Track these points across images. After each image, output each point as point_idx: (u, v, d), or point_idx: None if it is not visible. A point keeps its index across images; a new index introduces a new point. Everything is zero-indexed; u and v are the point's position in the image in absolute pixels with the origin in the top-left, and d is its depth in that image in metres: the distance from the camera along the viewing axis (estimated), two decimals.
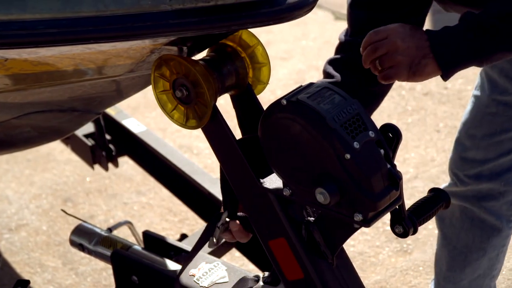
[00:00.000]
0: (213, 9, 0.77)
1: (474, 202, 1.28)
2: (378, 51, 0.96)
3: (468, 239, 1.30)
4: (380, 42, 0.95)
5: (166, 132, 2.53)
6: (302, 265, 0.89)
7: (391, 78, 0.97)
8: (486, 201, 1.27)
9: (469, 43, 0.94)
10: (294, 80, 2.84)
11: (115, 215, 2.13)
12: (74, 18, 0.73)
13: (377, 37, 0.96)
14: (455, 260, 1.33)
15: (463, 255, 1.32)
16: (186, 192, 1.68)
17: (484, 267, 1.33)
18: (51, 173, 2.36)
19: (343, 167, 0.79)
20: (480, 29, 0.93)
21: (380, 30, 0.97)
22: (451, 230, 1.32)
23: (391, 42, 0.95)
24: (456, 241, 1.32)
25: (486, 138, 1.23)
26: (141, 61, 0.91)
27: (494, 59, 0.98)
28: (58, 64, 0.86)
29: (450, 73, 0.96)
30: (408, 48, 0.94)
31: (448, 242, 1.34)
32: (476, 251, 1.30)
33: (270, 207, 0.89)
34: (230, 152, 0.90)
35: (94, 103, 1.12)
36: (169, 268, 1.12)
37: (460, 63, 0.95)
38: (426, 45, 0.95)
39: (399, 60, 0.94)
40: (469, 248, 1.31)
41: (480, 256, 1.31)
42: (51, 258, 1.97)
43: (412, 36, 0.95)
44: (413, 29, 0.97)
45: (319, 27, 3.30)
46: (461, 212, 1.30)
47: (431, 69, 0.95)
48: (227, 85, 0.91)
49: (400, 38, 0.94)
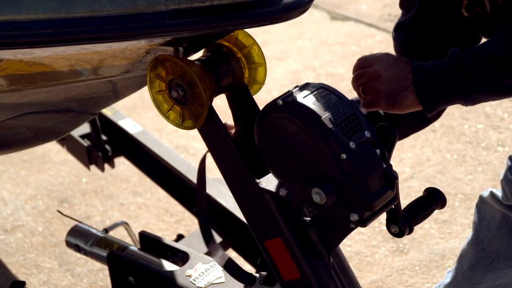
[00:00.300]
0: (208, 9, 0.77)
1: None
2: (361, 78, 0.96)
3: (500, 246, 1.28)
4: (364, 69, 0.96)
5: (163, 132, 2.53)
6: (298, 265, 0.89)
7: (370, 106, 0.97)
8: None
9: (451, 81, 0.92)
10: (291, 80, 2.85)
11: (112, 216, 2.13)
12: (69, 19, 0.73)
13: (362, 64, 0.97)
14: (480, 262, 1.31)
15: (490, 260, 1.30)
16: (183, 193, 1.67)
17: (509, 278, 1.31)
18: (47, 174, 2.35)
19: (339, 167, 0.80)
20: (464, 68, 0.91)
21: (366, 57, 0.98)
22: (486, 233, 1.30)
23: (373, 70, 0.95)
24: (487, 244, 1.30)
25: None
26: (137, 62, 0.91)
27: (477, 100, 0.96)
28: (53, 65, 0.86)
29: (432, 108, 0.95)
30: (389, 78, 0.94)
31: (478, 242, 1.31)
32: (504, 260, 1.28)
33: (266, 207, 0.89)
34: (226, 153, 0.90)
35: (89, 104, 1.12)
36: (166, 269, 1.12)
37: (440, 99, 0.94)
38: (408, 77, 0.94)
39: (379, 89, 0.94)
40: (499, 255, 1.28)
41: (507, 266, 1.29)
42: (47, 259, 1.96)
43: (395, 67, 0.95)
44: (397, 60, 0.96)
45: (315, 27, 3.30)
46: (502, 218, 1.28)
47: (410, 102, 0.94)
48: (223, 85, 0.91)
49: (382, 68, 0.95)
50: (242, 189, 0.91)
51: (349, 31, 3.23)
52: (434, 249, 1.92)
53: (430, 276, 1.83)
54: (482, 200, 1.33)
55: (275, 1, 0.78)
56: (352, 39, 3.14)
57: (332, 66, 2.93)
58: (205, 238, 0.99)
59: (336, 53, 3.03)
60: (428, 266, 1.86)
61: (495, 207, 1.29)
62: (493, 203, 1.30)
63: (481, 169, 2.19)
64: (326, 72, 2.89)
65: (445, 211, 2.04)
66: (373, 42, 3.10)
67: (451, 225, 2.01)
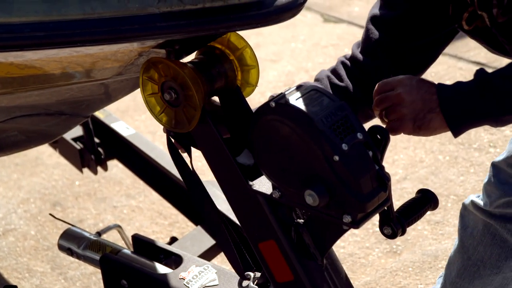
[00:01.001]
0: (201, 12, 0.77)
1: (499, 222, 1.26)
2: (383, 103, 0.93)
3: (485, 254, 1.28)
4: (387, 94, 0.93)
5: (156, 135, 2.52)
6: (291, 267, 0.89)
7: (395, 131, 0.94)
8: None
9: (478, 103, 0.90)
10: (284, 82, 2.85)
11: (105, 219, 2.12)
12: (61, 21, 0.72)
13: (384, 88, 0.94)
14: (467, 270, 1.32)
15: (476, 267, 1.30)
16: (176, 195, 1.67)
17: (497, 284, 1.31)
18: (39, 177, 2.34)
19: (331, 169, 0.80)
20: (492, 90, 0.88)
21: (388, 81, 0.94)
22: (470, 241, 1.30)
23: (396, 94, 0.92)
24: (472, 252, 1.30)
25: None
26: (129, 64, 0.91)
27: (509, 121, 0.92)
28: (45, 68, 0.86)
29: (460, 131, 0.93)
30: (413, 101, 0.91)
31: (464, 251, 1.32)
32: (490, 268, 1.28)
33: (259, 209, 0.89)
34: (219, 155, 0.90)
35: (82, 107, 1.11)
36: (159, 272, 1.11)
37: (468, 121, 0.92)
38: (433, 99, 0.91)
39: (403, 113, 0.92)
40: (484, 263, 1.29)
41: (493, 273, 1.29)
42: (39, 263, 1.95)
43: (419, 89, 0.92)
44: (420, 82, 0.93)
45: (308, 29, 3.31)
46: (484, 227, 1.28)
47: (437, 124, 0.92)
48: (216, 88, 0.91)
49: (406, 91, 0.91)
50: (236, 192, 0.91)
51: (342, 33, 3.24)
52: (427, 250, 1.92)
53: (423, 277, 1.84)
54: (465, 208, 1.33)
55: (267, 3, 0.78)
56: (344, 41, 3.15)
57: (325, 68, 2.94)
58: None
59: (329, 55, 3.03)
60: (421, 267, 1.87)
61: (477, 215, 1.30)
62: (474, 211, 1.31)
63: (473, 170, 2.20)
64: None
65: (438, 212, 2.05)
66: None
67: (444, 226, 2.02)
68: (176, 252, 1.16)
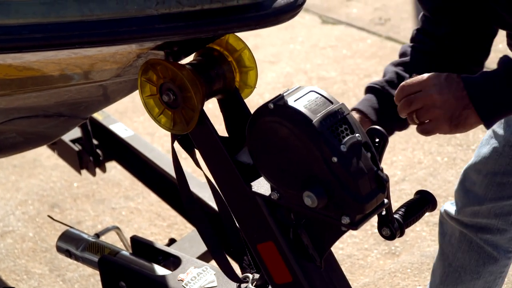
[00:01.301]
0: (199, 14, 0.77)
1: (471, 231, 1.27)
2: (413, 104, 0.90)
3: (464, 261, 1.29)
4: (415, 95, 0.90)
5: (154, 136, 2.52)
6: (290, 269, 0.89)
7: (431, 132, 0.92)
8: (483, 233, 1.25)
9: (509, 92, 0.88)
10: (282, 84, 2.85)
11: (103, 221, 2.12)
12: (59, 23, 0.72)
13: (411, 90, 0.90)
14: (449, 276, 1.32)
15: (457, 274, 1.31)
16: (175, 197, 1.67)
17: (479, 287, 1.32)
18: (37, 179, 2.34)
19: (330, 170, 0.80)
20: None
21: (413, 82, 0.91)
22: (450, 248, 1.31)
23: (427, 95, 0.89)
24: (452, 259, 1.30)
25: (489, 176, 1.19)
26: (127, 66, 0.91)
27: None
28: (43, 69, 0.86)
29: (492, 122, 0.92)
30: (446, 100, 0.88)
31: (444, 257, 1.33)
32: (470, 273, 1.29)
33: (258, 210, 0.89)
34: (218, 157, 0.90)
35: (80, 108, 1.11)
36: (158, 273, 1.11)
37: (502, 112, 0.91)
38: (464, 95, 0.89)
39: (438, 114, 0.89)
40: (464, 269, 1.29)
41: (474, 278, 1.30)
42: (37, 265, 1.95)
43: (449, 87, 0.89)
44: (448, 79, 0.90)
45: (306, 31, 3.32)
46: (461, 234, 1.28)
47: (473, 120, 0.90)
48: (214, 89, 0.91)
49: (436, 91, 0.88)
50: (234, 193, 0.91)
51: (340, 34, 3.24)
52: (426, 251, 1.93)
53: (421, 279, 1.84)
54: (442, 215, 1.34)
55: (265, 5, 0.79)
56: (343, 42, 3.15)
57: (324, 70, 2.94)
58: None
59: (327, 56, 3.04)
60: (419, 269, 1.87)
61: (451, 223, 1.30)
62: (449, 219, 1.31)
63: None
64: (318, 75, 2.90)
65: (436, 214, 2.05)
66: (363, 46, 3.11)
67: None
68: (175, 253, 1.15)
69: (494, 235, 1.25)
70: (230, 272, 0.97)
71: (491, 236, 1.25)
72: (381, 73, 1.11)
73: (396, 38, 3.15)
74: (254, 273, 1.01)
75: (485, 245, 1.26)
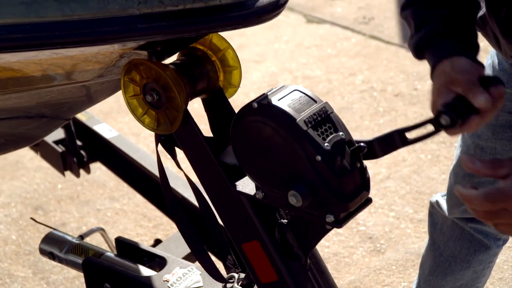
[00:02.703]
0: (182, 13, 0.77)
1: (461, 220, 1.29)
2: (497, 219, 0.74)
3: (455, 249, 1.31)
4: (499, 212, 0.73)
5: (140, 137, 2.51)
6: (275, 268, 0.89)
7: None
8: (473, 223, 1.28)
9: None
10: (268, 83, 2.86)
11: (88, 222, 2.10)
12: (39, 23, 0.71)
13: (493, 206, 0.73)
14: (439, 266, 1.34)
15: (447, 263, 1.32)
16: (160, 197, 1.66)
17: (468, 278, 1.34)
18: (20, 181, 2.31)
19: (314, 169, 0.80)
20: None
21: (496, 197, 0.72)
22: (441, 237, 1.33)
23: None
24: (443, 248, 1.32)
25: (467, 178, 1.21)
26: (110, 66, 0.90)
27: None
28: (24, 70, 0.85)
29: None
30: None
31: (435, 248, 1.34)
32: (460, 262, 1.31)
33: (243, 210, 0.89)
34: (202, 156, 0.90)
35: (63, 109, 1.10)
36: (143, 274, 1.11)
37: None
38: None
39: None
40: (455, 258, 1.31)
41: (464, 268, 1.32)
42: (20, 268, 1.92)
43: None
44: None
45: (291, 30, 3.32)
46: (453, 222, 1.31)
47: None
48: (198, 89, 0.91)
49: None
50: (219, 193, 0.91)
51: (325, 33, 3.26)
52: (410, 248, 1.95)
53: (406, 275, 1.86)
54: (433, 206, 1.36)
55: (248, 4, 0.79)
56: (327, 41, 3.17)
57: (309, 69, 2.95)
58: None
59: (312, 55, 3.05)
60: (404, 265, 1.89)
61: (443, 213, 1.32)
62: (440, 210, 1.33)
63: None
64: (303, 74, 2.91)
65: (421, 211, 2.08)
66: (348, 45, 3.13)
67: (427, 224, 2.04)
68: (160, 254, 1.15)
69: (484, 225, 1.27)
70: (214, 272, 0.97)
71: (481, 225, 1.28)
72: (366, 71, 1.10)
73: (380, 37, 3.18)
74: (239, 273, 1.01)
75: (475, 233, 1.28)
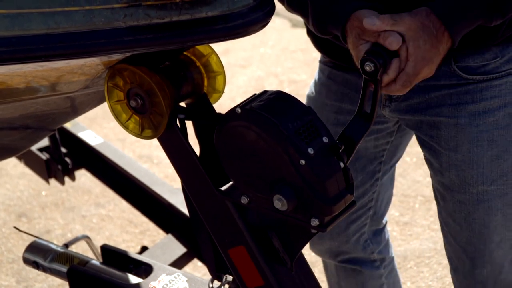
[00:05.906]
0: (167, 26, 0.77)
1: (332, 259, 1.35)
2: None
3: (351, 286, 1.36)
4: None
5: (125, 142, 2.50)
6: (261, 272, 0.89)
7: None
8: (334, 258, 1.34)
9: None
10: (254, 87, 2.87)
11: (73, 229, 2.08)
12: (23, 36, 0.71)
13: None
14: None
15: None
16: (146, 203, 1.66)
17: None
18: (3, 188, 2.28)
19: (298, 173, 0.81)
20: None
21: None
22: (334, 279, 1.39)
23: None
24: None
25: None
26: (96, 77, 0.90)
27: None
28: (8, 82, 0.84)
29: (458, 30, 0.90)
30: None
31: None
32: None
33: (228, 215, 0.90)
34: (187, 161, 0.90)
35: (48, 120, 1.09)
36: (129, 282, 1.10)
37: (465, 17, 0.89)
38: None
39: None
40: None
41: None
42: (3, 277, 1.90)
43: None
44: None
45: (277, 34, 3.34)
46: (334, 265, 1.38)
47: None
48: (182, 94, 0.91)
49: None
50: (204, 198, 0.91)
51: None
52: (396, 251, 1.96)
53: None
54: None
55: (234, 16, 0.79)
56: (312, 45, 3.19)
57: (295, 73, 2.97)
58: None
59: (298, 59, 3.07)
60: None
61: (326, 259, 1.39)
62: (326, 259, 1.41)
63: None
64: (289, 78, 2.93)
65: (406, 213, 2.10)
66: None
67: (412, 227, 2.06)
68: (146, 261, 1.15)
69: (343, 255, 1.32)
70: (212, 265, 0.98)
71: (341, 256, 1.33)
72: None
73: None
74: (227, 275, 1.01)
75: (346, 265, 1.34)
